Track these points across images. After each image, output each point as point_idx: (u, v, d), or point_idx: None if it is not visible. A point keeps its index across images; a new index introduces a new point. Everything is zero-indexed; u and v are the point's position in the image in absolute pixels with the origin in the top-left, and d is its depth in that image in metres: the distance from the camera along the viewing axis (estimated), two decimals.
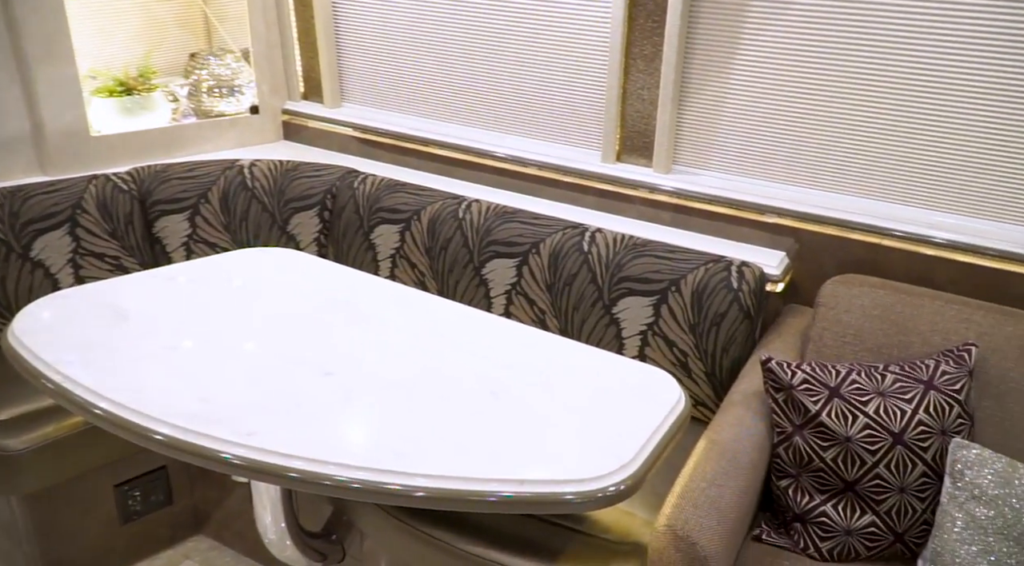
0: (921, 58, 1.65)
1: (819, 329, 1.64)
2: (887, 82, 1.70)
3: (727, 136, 1.93)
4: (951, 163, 1.70)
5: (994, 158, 1.65)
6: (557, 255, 1.90)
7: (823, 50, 1.74)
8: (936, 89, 1.66)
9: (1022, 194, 1.66)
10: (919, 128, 1.71)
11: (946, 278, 1.72)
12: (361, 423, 1.26)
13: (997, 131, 1.63)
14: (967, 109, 1.65)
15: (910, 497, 1.41)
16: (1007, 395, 1.48)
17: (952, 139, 1.68)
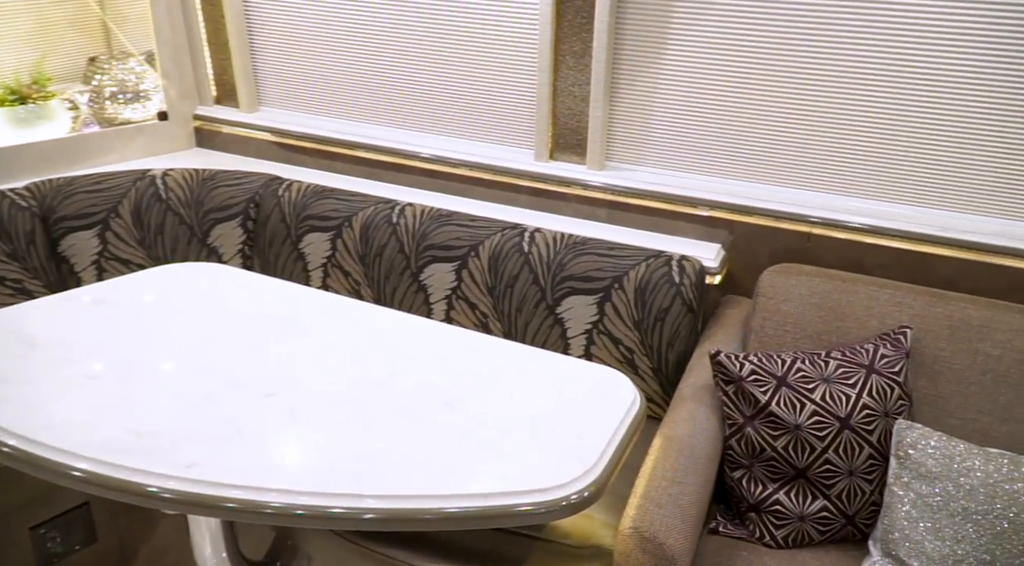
0: (844, 49, 1.70)
1: (760, 319, 1.67)
2: (812, 74, 1.74)
3: (659, 131, 1.94)
4: (875, 152, 1.76)
5: (914, 146, 1.72)
6: (497, 257, 1.86)
7: (750, 44, 1.77)
8: (858, 80, 1.71)
9: (941, 180, 1.72)
10: (844, 119, 1.75)
11: (875, 263, 1.78)
12: (308, 445, 1.19)
13: (917, 120, 1.69)
14: (888, 99, 1.70)
15: (859, 480, 1.45)
16: (940, 374, 1.54)
17: (875, 129, 1.74)
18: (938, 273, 1.74)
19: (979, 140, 1.66)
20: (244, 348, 1.44)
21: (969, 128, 1.66)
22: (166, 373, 1.34)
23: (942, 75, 1.64)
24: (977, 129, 1.66)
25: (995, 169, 1.67)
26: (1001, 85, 1.60)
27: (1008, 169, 1.66)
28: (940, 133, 1.69)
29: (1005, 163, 1.66)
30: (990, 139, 1.65)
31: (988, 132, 1.65)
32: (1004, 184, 1.68)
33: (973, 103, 1.64)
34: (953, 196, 1.73)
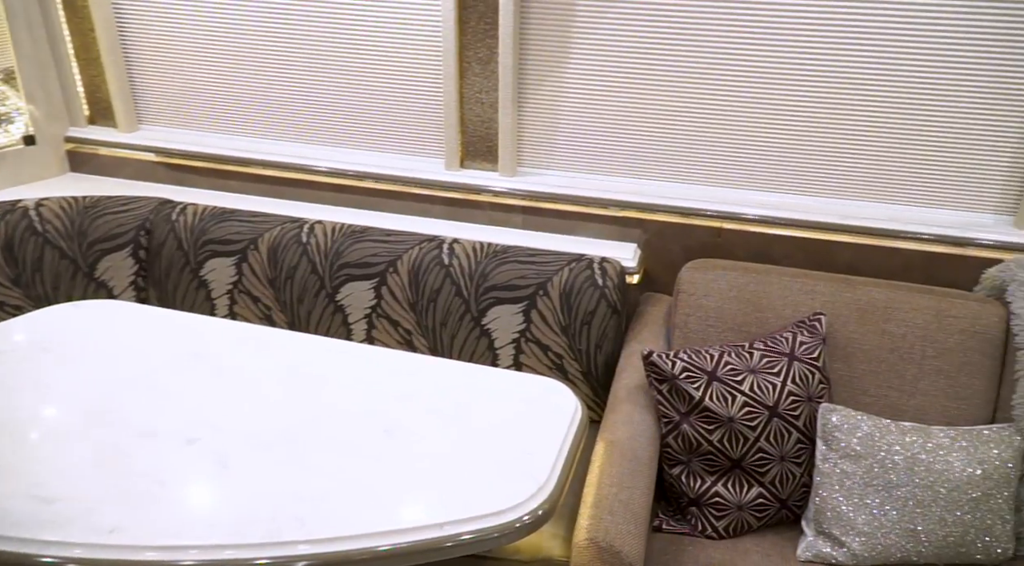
0: (744, 50, 1.76)
1: (683, 315, 1.70)
2: (715, 74, 1.80)
3: (568, 134, 1.95)
4: (777, 148, 1.83)
5: (813, 141, 1.80)
6: (417, 271, 1.81)
7: (652, 45, 1.80)
8: (759, 80, 1.78)
9: (838, 172, 1.82)
10: (747, 117, 1.82)
11: (782, 253, 1.86)
12: (242, 492, 1.11)
13: (815, 117, 1.78)
14: (788, 97, 1.78)
15: (789, 464, 1.50)
16: (852, 356, 1.62)
17: (777, 125, 1.81)
18: (840, 258, 1.83)
19: (870, 134, 1.76)
20: (155, 392, 1.32)
21: (861, 123, 1.76)
22: (69, 428, 1.22)
23: (835, 75, 1.73)
24: (867, 123, 1.76)
25: (885, 160, 1.78)
26: (887, 84, 1.71)
27: (895, 159, 1.77)
28: (835, 128, 1.78)
29: (893, 154, 1.77)
30: (879, 132, 1.76)
31: (877, 126, 1.75)
32: (893, 173, 1.79)
33: (863, 100, 1.73)
34: (849, 186, 1.83)
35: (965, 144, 1.73)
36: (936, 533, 1.42)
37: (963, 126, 1.71)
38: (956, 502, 1.42)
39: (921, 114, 1.72)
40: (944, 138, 1.73)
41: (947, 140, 1.73)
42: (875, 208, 1.83)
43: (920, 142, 1.75)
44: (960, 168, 1.75)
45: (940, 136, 1.73)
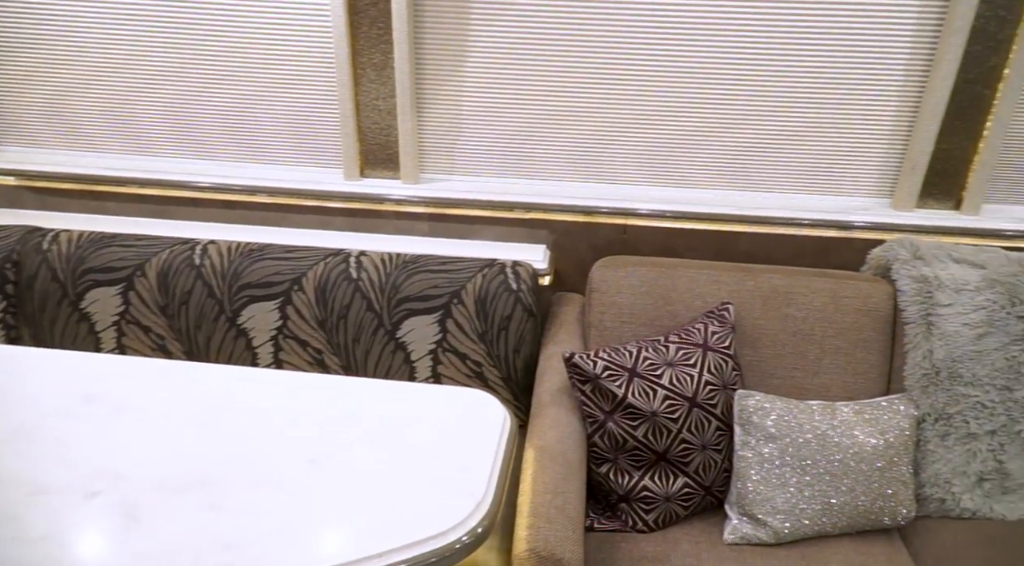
0: (639, 50, 1.79)
1: (597, 314, 1.72)
2: (612, 75, 1.82)
3: (471, 139, 1.92)
4: (674, 145, 1.88)
5: (707, 137, 1.86)
6: (324, 287, 1.74)
7: (549, 48, 1.81)
8: (657, 79, 1.81)
9: (734, 165, 1.89)
10: (646, 115, 1.85)
11: (686, 246, 1.91)
12: (155, 546, 1.02)
13: (707, 115, 1.84)
14: (684, 97, 1.82)
15: (711, 452, 1.54)
16: (759, 341, 1.68)
17: (672, 124, 1.86)
18: (739, 248, 1.90)
19: (759, 129, 1.84)
20: (44, 443, 1.20)
21: (750, 119, 1.83)
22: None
23: (725, 74, 1.79)
24: (756, 119, 1.83)
25: (774, 152, 1.86)
26: (773, 82, 1.78)
27: (783, 151, 1.86)
28: (727, 125, 1.84)
29: (781, 147, 1.85)
30: (768, 127, 1.84)
31: (766, 121, 1.83)
32: (782, 164, 1.88)
33: (751, 98, 1.81)
34: (744, 178, 1.90)
35: (845, 134, 1.83)
36: (848, 504, 1.50)
37: (842, 118, 1.81)
38: (864, 472, 1.50)
39: (804, 109, 1.81)
40: (826, 130, 1.83)
41: (828, 132, 1.83)
42: (768, 198, 1.91)
43: (805, 135, 1.84)
44: (841, 157, 1.86)
45: (822, 128, 1.83)
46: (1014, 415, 1.59)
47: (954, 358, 1.60)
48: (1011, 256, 1.67)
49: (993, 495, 1.61)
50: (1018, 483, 1.60)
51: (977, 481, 1.60)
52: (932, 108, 1.74)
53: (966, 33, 1.65)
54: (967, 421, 1.59)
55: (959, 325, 1.60)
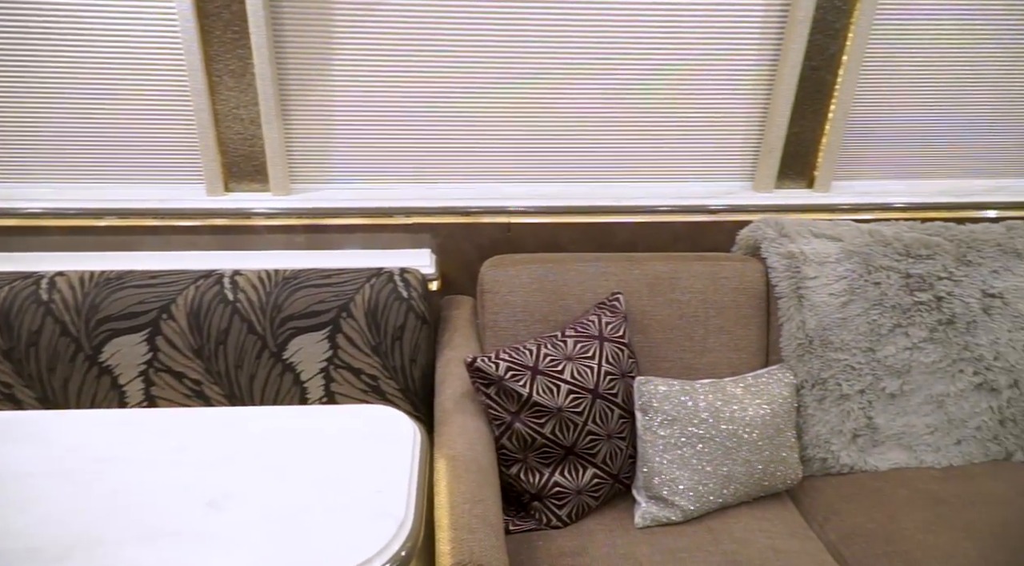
0: (513, 46, 1.78)
1: (491, 314, 1.70)
2: (485, 74, 1.81)
3: (344, 145, 1.85)
4: (550, 140, 1.89)
5: (581, 132, 1.89)
6: (197, 313, 1.61)
7: (418, 49, 1.77)
8: (529, 76, 1.82)
9: (605, 159, 1.93)
10: (521, 112, 1.85)
11: (568, 239, 1.93)
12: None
13: (581, 110, 1.86)
14: (558, 92, 1.84)
15: (616, 441, 1.57)
16: (649, 327, 1.73)
17: (546, 120, 1.87)
18: (620, 238, 1.95)
19: (631, 121, 1.89)
20: None
21: (622, 112, 1.88)
22: None
23: (596, 69, 1.82)
24: (627, 112, 1.88)
25: (645, 144, 1.92)
26: (642, 75, 1.84)
27: (654, 142, 1.92)
28: (601, 119, 1.88)
29: (651, 138, 1.92)
30: (638, 119, 1.89)
31: (636, 113, 1.89)
32: (653, 155, 1.94)
33: (621, 91, 1.85)
34: (619, 170, 1.95)
35: (707, 124, 1.92)
36: (745, 474, 1.58)
37: (703, 109, 1.90)
38: (756, 442, 1.58)
39: (669, 102, 1.88)
40: (690, 121, 1.91)
41: (693, 122, 1.91)
42: (642, 188, 1.98)
43: (672, 126, 1.91)
44: (706, 145, 1.95)
45: (686, 119, 1.91)
46: (878, 373, 1.73)
47: (824, 326, 1.72)
48: (862, 228, 1.81)
49: (866, 449, 1.74)
50: (885, 436, 1.75)
51: (852, 438, 1.73)
52: (783, 95, 1.86)
53: (808, 23, 1.77)
54: (839, 384, 1.72)
55: (825, 295, 1.72)
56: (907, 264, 1.75)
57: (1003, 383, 1.75)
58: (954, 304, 1.74)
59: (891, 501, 1.63)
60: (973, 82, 1.94)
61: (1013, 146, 2.04)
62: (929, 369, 1.75)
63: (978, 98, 1.96)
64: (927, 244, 1.77)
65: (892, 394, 1.74)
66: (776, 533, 1.54)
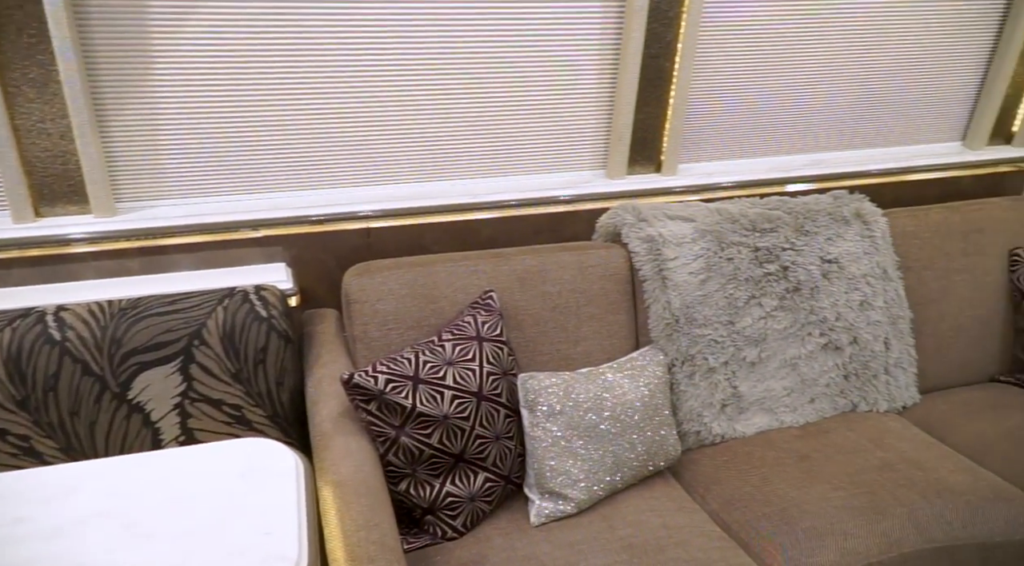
0: (346, 47, 1.69)
1: (361, 326, 1.61)
2: (324, 75, 1.70)
3: (176, 157, 1.68)
4: (402, 139, 1.82)
5: (435, 129, 1.83)
6: (17, 358, 1.39)
7: (248, 50, 1.63)
8: (371, 74, 1.73)
9: (461, 155, 1.89)
10: (362, 113, 1.77)
11: (432, 240, 1.88)
12: None
13: (430, 107, 1.81)
14: (401, 89, 1.77)
15: (504, 441, 1.54)
16: (523, 322, 1.72)
17: (396, 118, 1.80)
18: (483, 234, 1.92)
19: (483, 116, 1.86)
20: None
21: (473, 107, 1.84)
22: None
23: (442, 65, 1.77)
24: (479, 106, 1.85)
25: (500, 137, 1.90)
26: (491, 70, 1.81)
27: (508, 136, 1.91)
28: (452, 114, 1.83)
29: (505, 131, 1.90)
30: (491, 113, 1.87)
31: (488, 107, 1.86)
32: (508, 148, 1.93)
33: (470, 87, 1.81)
34: (476, 166, 1.92)
35: (559, 115, 1.93)
36: (631, 457, 1.60)
37: (554, 101, 1.91)
38: (638, 424, 1.61)
39: (521, 94, 1.87)
40: (542, 113, 1.91)
41: (545, 114, 1.92)
42: (502, 182, 1.96)
43: (525, 119, 1.90)
44: (559, 136, 1.96)
45: (538, 111, 1.91)
46: (739, 344, 1.82)
47: (687, 305, 1.78)
48: (710, 207, 1.90)
49: (734, 417, 1.83)
50: (749, 402, 1.85)
51: (721, 408, 1.81)
52: (627, 83, 1.90)
53: (646, 12, 1.83)
54: (706, 358, 1.79)
55: (686, 275, 1.79)
56: (754, 238, 1.86)
57: (844, 341, 1.91)
58: (798, 272, 1.87)
59: (762, 463, 1.72)
60: (794, 66, 2.09)
61: (829, 123, 2.23)
62: (782, 335, 1.86)
63: (799, 80, 2.12)
64: (769, 218, 1.89)
65: (752, 362, 1.84)
66: (665, 511, 1.58)
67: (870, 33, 2.12)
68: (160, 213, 1.68)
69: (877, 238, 1.96)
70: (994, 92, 2.33)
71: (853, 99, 2.21)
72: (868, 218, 1.97)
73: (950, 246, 2.07)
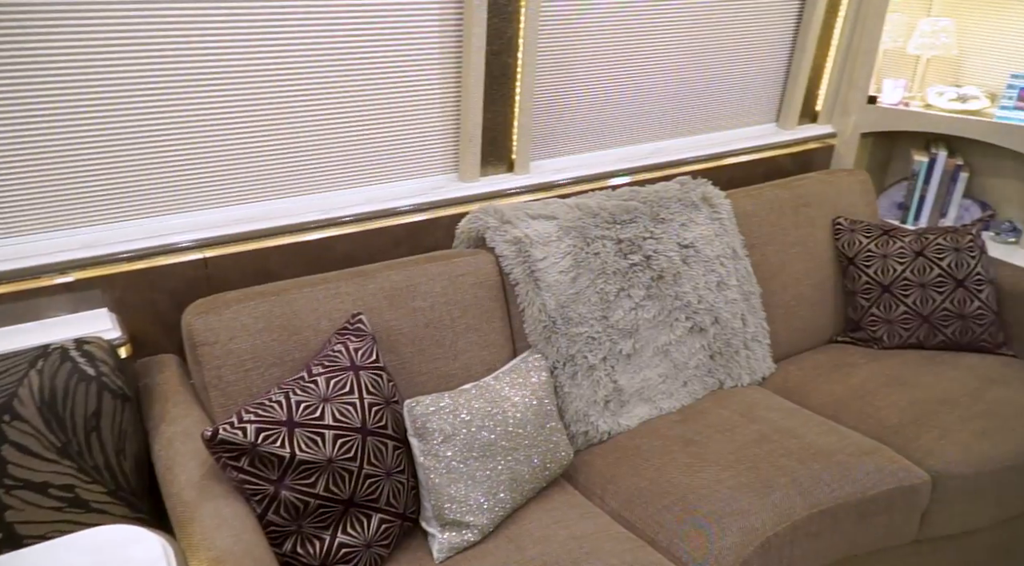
0: (177, 61, 1.47)
1: (212, 370, 1.41)
2: (138, 84, 1.47)
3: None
4: (238, 158, 1.62)
5: (276, 144, 1.65)
6: None
7: (46, 62, 1.36)
8: (196, 88, 1.52)
9: (305, 169, 1.72)
10: (183, 132, 1.55)
11: (281, 264, 1.69)
12: None
13: (267, 120, 1.62)
14: (234, 102, 1.57)
15: (396, 477, 1.40)
16: (398, 342, 1.59)
17: (229, 136, 1.59)
18: (338, 252, 1.76)
19: (326, 125, 1.70)
20: None
21: (314, 116, 1.68)
22: None
23: (285, 74, 1.59)
24: (321, 115, 1.69)
25: (346, 147, 1.75)
26: (333, 81, 1.65)
27: (355, 144, 1.76)
28: (295, 125, 1.66)
29: (352, 140, 1.75)
30: (334, 122, 1.71)
31: (330, 115, 1.70)
32: (357, 158, 1.78)
33: (311, 96, 1.65)
34: (322, 179, 1.75)
35: (405, 120, 1.82)
36: (528, 470, 1.53)
37: (398, 105, 1.79)
38: (531, 435, 1.54)
39: (363, 102, 1.73)
40: (387, 119, 1.79)
41: (391, 120, 1.79)
42: (351, 195, 1.81)
43: (369, 127, 1.77)
44: (408, 142, 1.84)
45: (384, 118, 1.78)
46: (614, 338, 1.81)
47: (562, 304, 1.73)
48: (569, 203, 1.87)
49: (617, 412, 1.82)
50: (629, 394, 1.84)
51: (605, 405, 1.79)
52: (473, 83, 1.83)
53: (485, 8, 1.76)
54: (585, 356, 1.76)
55: (556, 274, 1.74)
56: (616, 231, 1.85)
57: (708, 322, 1.96)
58: (660, 260, 1.89)
59: (651, 454, 1.71)
60: (627, 60, 2.12)
61: (663, 112, 2.29)
62: (652, 324, 1.88)
63: (632, 72, 2.15)
64: (627, 209, 1.89)
65: (628, 354, 1.84)
66: (569, 520, 1.52)
67: (689, 25, 2.20)
68: None
69: (724, 219, 2.03)
70: (799, 76, 2.51)
71: (681, 88, 2.29)
72: (714, 201, 2.04)
73: (784, 221, 2.20)
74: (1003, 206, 2.54)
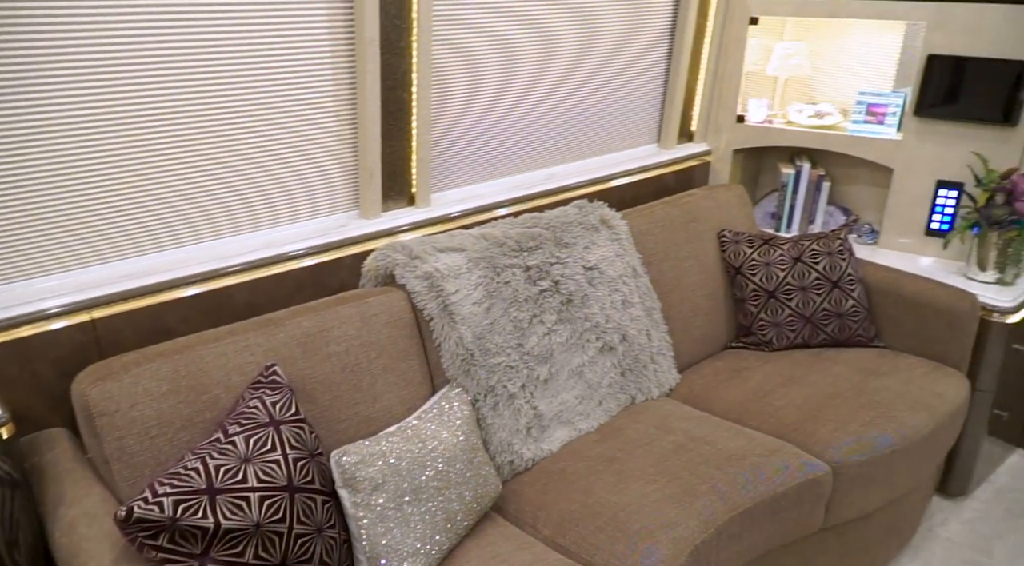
0: (51, 104, 1.35)
1: (114, 442, 1.29)
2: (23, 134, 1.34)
3: None
4: (115, 210, 1.51)
5: (159, 194, 1.55)
6: None
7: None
8: (78, 135, 1.40)
9: (197, 216, 1.62)
10: (56, 183, 1.43)
11: (179, 319, 1.58)
12: None
13: (148, 168, 1.52)
14: (118, 151, 1.46)
15: (327, 533, 1.34)
16: (315, 391, 1.52)
17: (106, 186, 1.48)
18: (239, 302, 1.67)
19: (217, 170, 1.62)
20: None
21: (202, 161, 1.59)
22: None
23: (169, 122, 1.50)
24: (209, 159, 1.60)
25: (238, 191, 1.67)
26: (224, 124, 1.57)
27: (248, 188, 1.69)
28: (180, 172, 1.56)
29: (243, 183, 1.68)
30: (224, 167, 1.63)
31: (220, 161, 1.62)
32: (250, 202, 1.70)
33: (195, 142, 1.56)
34: (216, 226, 1.66)
35: (302, 159, 1.76)
36: (461, 508, 1.50)
37: (294, 144, 1.73)
38: (461, 472, 1.52)
39: (256, 143, 1.66)
40: (283, 159, 1.73)
41: (286, 160, 1.73)
42: (248, 240, 1.73)
43: (264, 168, 1.70)
44: (306, 180, 1.78)
45: (279, 158, 1.72)
46: (530, 365, 1.82)
47: (478, 335, 1.73)
48: (474, 234, 1.87)
49: (539, 438, 1.82)
50: (549, 419, 1.85)
51: (527, 432, 1.79)
52: (370, 118, 1.80)
53: (378, 44, 1.74)
54: (505, 385, 1.76)
55: (470, 306, 1.73)
56: (523, 258, 1.87)
57: (616, 340, 2.01)
58: (568, 284, 1.92)
59: (576, 476, 1.73)
60: (516, 89, 2.16)
61: (553, 139, 2.34)
62: (565, 347, 1.90)
63: (521, 101, 2.19)
64: (531, 236, 1.92)
65: (545, 380, 1.85)
66: (506, 555, 1.51)
67: (572, 55, 2.28)
68: None
69: (623, 240, 2.10)
70: (675, 98, 2.65)
71: (568, 116, 2.35)
72: (612, 222, 2.10)
73: (676, 237, 2.30)
74: (862, 211, 2.77)
